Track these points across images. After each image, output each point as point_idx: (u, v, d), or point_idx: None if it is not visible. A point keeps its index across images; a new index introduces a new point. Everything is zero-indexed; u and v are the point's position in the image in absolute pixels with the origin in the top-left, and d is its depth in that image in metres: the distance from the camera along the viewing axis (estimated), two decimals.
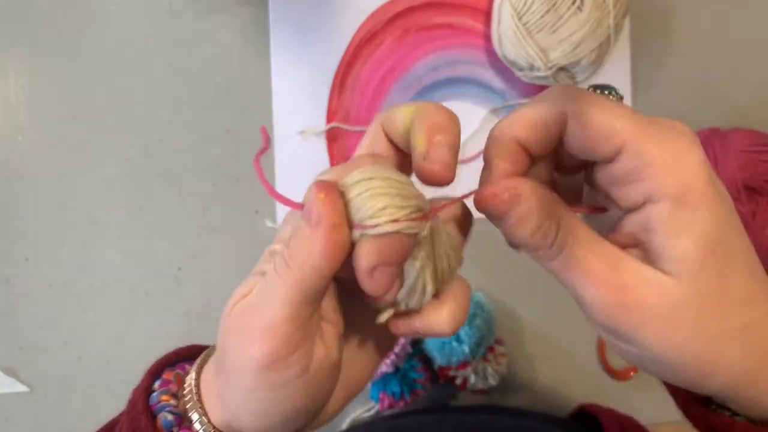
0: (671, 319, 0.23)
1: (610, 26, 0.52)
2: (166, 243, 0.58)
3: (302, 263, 0.23)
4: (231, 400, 0.26)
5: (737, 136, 0.56)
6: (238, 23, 0.58)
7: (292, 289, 0.23)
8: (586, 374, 0.60)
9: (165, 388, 0.29)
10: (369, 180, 0.23)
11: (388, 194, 0.23)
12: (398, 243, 0.23)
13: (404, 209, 0.23)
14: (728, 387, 0.24)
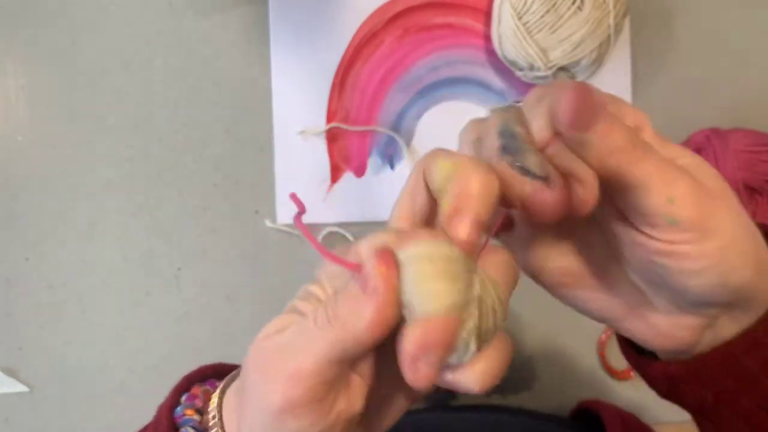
0: (724, 195, 0.25)
1: (610, 26, 0.52)
2: (166, 243, 0.58)
3: (345, 327, 0.23)
4: (247, 427, 0.26)
5: (737, 136, 0.56)
6: (238, 23, 0.58)
7: (327, 347, 0.23)
8: (586, 374, 0.60)
9: (190, 403, 0.29)
10: (427, 260, 0.22)
11: (444, 278, 0.22)
12: (448, 330, 0.22)
13: (457, 291, 0.22)
14: (758, 273, 0.26)
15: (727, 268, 0.25)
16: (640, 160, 0.24)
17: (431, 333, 0.22)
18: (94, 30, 0.57)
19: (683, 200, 0.24)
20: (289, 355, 0.24)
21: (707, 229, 0.24)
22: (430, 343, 0.22)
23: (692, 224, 0.24)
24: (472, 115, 0.28)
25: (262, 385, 0.24)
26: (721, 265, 0.24)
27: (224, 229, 0.58)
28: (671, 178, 0.24)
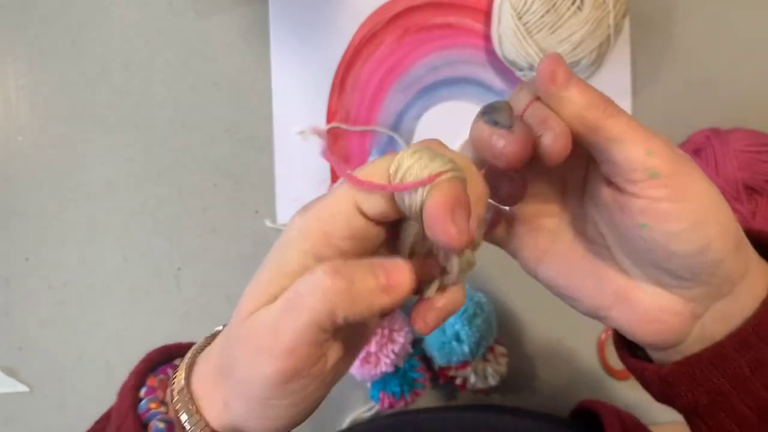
0: (703, 175, 0.27)
1: (609, 26, 0.52)
2: (166, 243, 0.58)
3: (361, 302, 0.24)
4: (241, 407, 0.26)
5: (737, 136, 0.56)
6: (238, 23, 0.58)
7: (327, 317, 0.24)
8: (586, 374, 0.60)
9: (152, 396, 0.29)
10: (419, 153, 0.25)
11: (435, 157, 0.25)
12: (460, 186, 0.24)
13: (450, 162, 0.25)
14: (747, 246, 0.28)
15: (705, 234, 0.26)
16: (617, 115, 0.26)
17: (448, 186, 0.24)
18: (95, 30, 0.57)
19: (661, 153, 0.26)
20: (281, 329, 0.24)
21: (685, 188, 0.26)
22: (450, 194, 0.24)
23: (671, 178, 0.26)
24: (471, 116, 0.29)
25: (255, 359, 0.25)
26: (700, 230, 0.26)
27: (224, 229, 0.58)
28: (647, 133, 0.26)
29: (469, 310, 0.53)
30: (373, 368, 0.53)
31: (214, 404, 0.27)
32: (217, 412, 0.27)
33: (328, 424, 0.58)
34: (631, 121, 0.26)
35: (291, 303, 0.24)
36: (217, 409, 0.27)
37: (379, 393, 0.56)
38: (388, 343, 0.53)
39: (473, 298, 0.55)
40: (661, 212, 0.26)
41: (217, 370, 0.28)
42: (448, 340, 0.53)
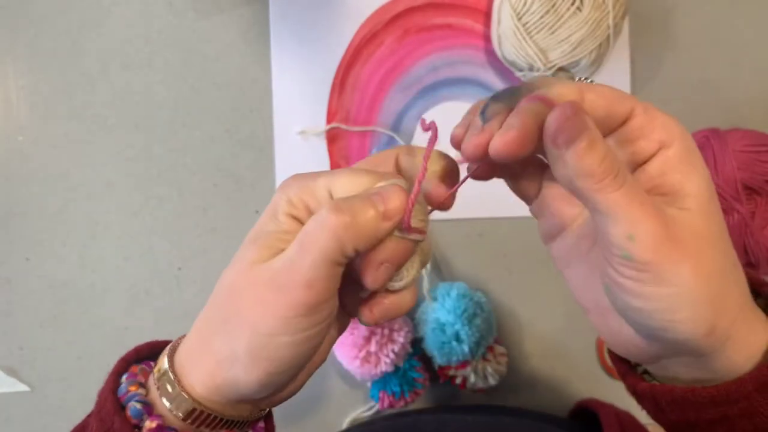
0: (699, 252, 0.24)
1: (609, 27, 0.52)
2: (167, 243, 0.58)
3: (365, 232, 0.26)
4: (240, 352, 0.27)
5: (736, 136, 0.56)
6: (238, 23, 0.58)
7: (334, 247, 0.25)
8: (585, 374, 0.61)
9: (132, 379, 0.30)
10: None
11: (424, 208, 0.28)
12: (409, 249, 0.28)
13: (425, 221, 0.28)
14: (724, 334, 0.26)
15: (670, 318, 0.25)
16: (609, 190, 0.24)
17: (400, 244, 0.27)
18: (95, 30, 0.57)
19: (643, 242, 0.24)
20: (298, 265, 0.26)
21: (661, 276, 0.24)
22: (396, 252, 0.27)
23: (647, 265, 0.24)
24: None
25: (268, 300, 0.26)
26: (665, 314, 0.25)
27: (224, 228, 0.58)
28: (637, 216, 0.24)
29: (469, 310, 0.53)
30: (373, 368, 0.53)
31: (201, 369, 0.28)
32: (206, 374, 0.28)
33: (328, 423, 0.58)
34: (624, 197, 0.24)
35: (303, 244, 0.26)
36: (205, 372, 0.28)
37: (379, 392, 0.56)
38: (388, 342, 0.53)
39: (473, 298, 0.55)
40: (625, 287, 0.25)
41: (207, 329, 0.29)
42: (448, 340, 0.53)
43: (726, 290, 0.25)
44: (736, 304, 0.26)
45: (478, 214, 0.58)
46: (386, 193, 0.26)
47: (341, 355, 0.55)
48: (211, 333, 0.28)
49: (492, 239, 0.59)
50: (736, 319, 0.26)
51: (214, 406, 0.28)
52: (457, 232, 0.58)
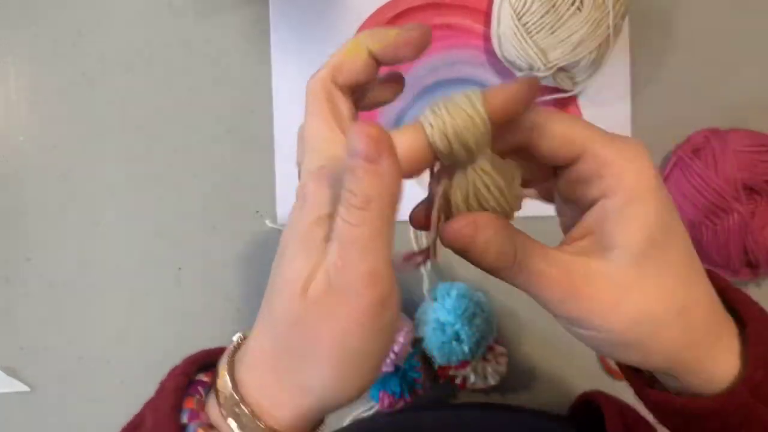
0: (617, 304, 0.26)
1: (609, 27, 0.52)
2: (167, 243, 0.58)
3: (381, 199, 0.24)
4: (330, 377, 0.25)
5: (736, 136, 0.56)
6: (238, 23, 0.58)
7: (379, 228, 0.24)
8: (586, 374, 0.61)
9: (198, 422, 0.27)
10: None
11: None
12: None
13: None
14: (667, 364, 0.27)
15: (613, 353, 0.28)
16: (513, 275, 0.28)
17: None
18: (95, 31, 0.58)
19: (552, 307, 0.28)
20: (351, 268, 0.24)
21: (581, 325, 0.27)
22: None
23: (563, 321, 0.28)
24: None
25: (340, 315, 0.24)
26: (607, 349, 0.28)
27: (224, 229, 0.59)
28: (542, 287, 0.28)
29: (469, 310, 0.53)
30: None
31: (284, 401, 0.26)
32: (291, 406, 0.26)
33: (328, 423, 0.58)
34: (525, 279, 0.28)
35: (343, 242, 0.24)
36: (289, 404, 0.26)
37: (379, 393, 0.56)
38: None
39: (473, 298, 0.55)
40: (570, 329, 0.29)
41: (280, 364, 0.26)
42: (448, 340, 0.53)
43: (660, 330, 0.26)
44: (691, 330, 0.27)
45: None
46: (363, 144, 0.25)
47: None
48: (287, 368, 0.26)
49: None
50: (697, 343, 0.27)
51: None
52: None
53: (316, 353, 0.25)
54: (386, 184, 0.24)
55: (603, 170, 0.26)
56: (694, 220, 0.56)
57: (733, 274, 0.57)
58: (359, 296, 0.24)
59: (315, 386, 0.26)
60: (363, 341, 0.25)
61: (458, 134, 0.26)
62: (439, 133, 0.26)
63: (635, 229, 0.26)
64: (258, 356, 0.27)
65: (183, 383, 0.28)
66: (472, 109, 0.26)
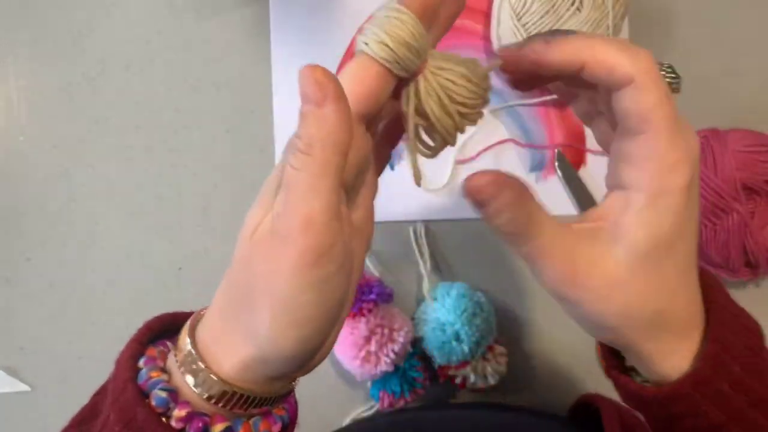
0: (606, 297, 0.28)
1: (608, 27, 0.52)
2: (167, 243, 0.58)
3: (323, 143, 0.24)
4: (266, 324, 0.25)
5: (736, 136, 0.56)
6: (238, 24, 0.58)
7: (320, 174, 0.24)
8: (586, 374, 0.61)
9: (152, 364, 0.28)
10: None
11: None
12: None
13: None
14: (630, 351, 0.30)
15: (596, 330, 0.30)
16: (521, 245, 0.29)
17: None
18: (95, 30, 0.58)
19: (548, 283, 0.29)
20: (288, 213, 0.24)
21: (565, 305, 0.29)
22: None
23: (555, 298, 0.30)
24: None
25: (276, 255, 0.25)
26: (590, 325, 0.30)
27: (225, 229, 0.59)
28: (545, 264, 0.29)
29: (468, 310, 0.54)
30: (373, 367, 0.53)
31: (229, 348, 0.26)
32: (234, 355, 0.26)
33: (328, 423, 0.59)
34: (532, 250, 0.29)
35: (286, 182, 0.25)
36: (232, 352, 0.26)
37: (379, 392, 0.56)
38: (388, 342, 0.53)
39: (473, 298, 0.55)
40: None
41: (228, 307, 0.27)
42: (448, 340, 0.53)
43: (641, 320, 0.28)
44: (659, 329, 0.29)
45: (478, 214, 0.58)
46: (308, 87, 0.24)
47: (341, 355, 0.55)
48: (232, 311, 0.27)
49: (492, 239, 0.59)
50: (660, 340, 0.29)
51: (246, 386, 0.27)
52: (457, 232, 0.58)
53: (254, 296, 0.26)
54: (330, 129, 0.24)
55: (645, 165, 0.27)
56: None
57: (732, 274, 0.57)
58: (294, 241, 0.24)
59: (254, 332, 0.26)
60: (294, 288, 0.24)
61: (393, 36, 0.26)
62: (376, 45, 0.26)
63: (645, 233, 0.27)
64: (214, 308, 0.29)
65: (146, 336, 0.30)
66: (393, 11, 0.27)
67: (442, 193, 0.58)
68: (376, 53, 0.26)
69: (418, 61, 0.27)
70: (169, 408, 0.26)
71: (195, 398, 0.27)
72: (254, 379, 0.27)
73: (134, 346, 0.29)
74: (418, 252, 0.58)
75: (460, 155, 0.58)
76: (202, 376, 0.26)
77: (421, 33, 0.27)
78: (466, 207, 0.28)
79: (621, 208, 0.28)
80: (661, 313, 0.28)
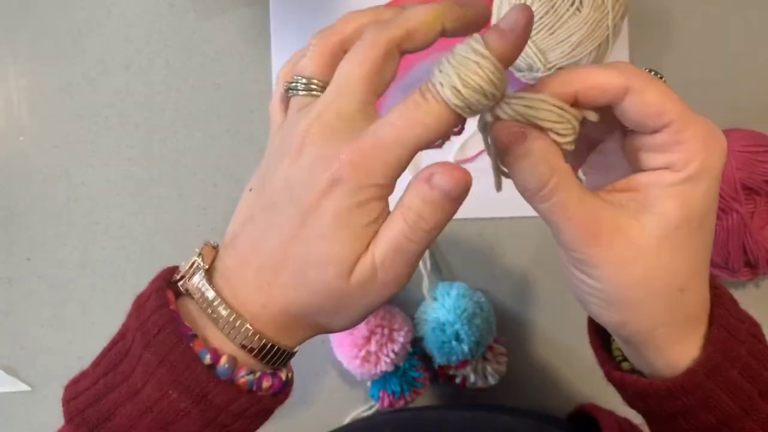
0: (630, 262, 0.27)
1: (608, 27, 0.52)
2: (167, 243, 0.58)
3: (438, 230, 0.27)
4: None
5: (735, 136, 0.56)
6: (239, 24, 0.58)
7: (425, 249, 0.28)
8: (586, 373, 0.61)
9: (226, 356, 0.28)
10: None
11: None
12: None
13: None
14: (639, 336, 0.29)
15: (588, 306, 0.29)
16: (542, 201, 0.28)
17: None
18: (96, 31, 0.58)
19: (567, 243, 0.28)
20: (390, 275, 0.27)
21: (582, 270, 0.28)
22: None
23: (571, 259, 0.28)
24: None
25: (366, 299, 0.28)
26: (586, 301, 0.29)
27: (225, 228, 0.58)
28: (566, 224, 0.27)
29: (468, 310, 0.54)
30: (373, 367, 0.53)
31: (267, 300, 0.28)
32: (272, 304, 0.28)
33: (328, 423, 0.59)
34: (553, 207, 0.27)
35: (399, 251, 0.27)
36: (273, 301, 0.28)
37: (379, 392, 0.56)
38: (388, 342, 0.53)
39: (473, 298, 0.55)
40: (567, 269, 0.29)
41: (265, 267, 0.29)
42: (448, 340, 0.53)
43: (653, 300, 0.28)
44: (676, 312, 0.28)
45: (478, 214, 0.58)
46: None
47: (341, 355, 0.55)
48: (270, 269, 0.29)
49: (492, 239, 0.59)
50: (675, 324, 0.28)
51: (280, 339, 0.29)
52: (457, 232, 0.59)
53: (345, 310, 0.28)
54: (448, 218, 0.27)
55: (677, 147, 0.27)
56: None
57: (732, 274, 0.58)
58: (389, 289, 0.27)
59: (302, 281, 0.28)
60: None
61: (468, 83, 0.25)
62: (449, 90, 0.26)
63: (679, 204, 0.27)
64: (238, 263, 0.30)
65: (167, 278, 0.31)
66: (472, 53, 0.26)
67: None
68: (449, 99, 0.26)
69: (492, 104, 0.26)
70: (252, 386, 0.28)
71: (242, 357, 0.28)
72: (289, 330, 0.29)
73: (164, 309, 0.30)
74: None
75: (460, 155, 0.58)
76: (243, 332, 0.28)
77: (500, 78, 0.26)
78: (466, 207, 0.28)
79: (651, 183, 0.27)
80: (683, 293, 0.27)
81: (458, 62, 0.26)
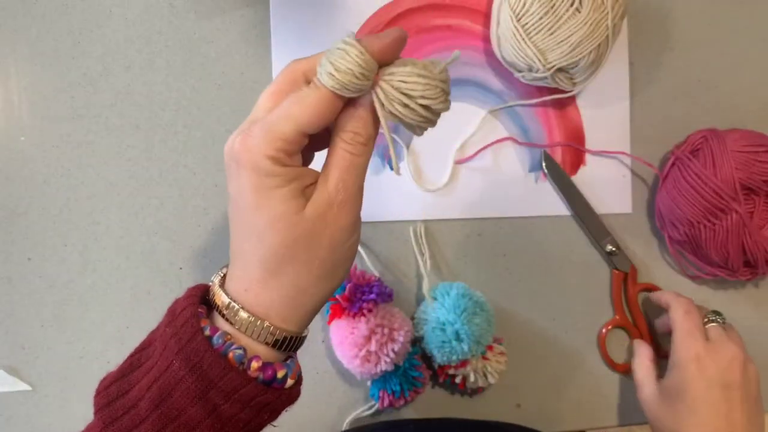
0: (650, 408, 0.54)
1: (608, 27, 0.52)
2: (168, 243, 0.58)
3: (373, 140, 0.35)
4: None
5: (735, 136, 0.56)
6: (239, 24, 0.58)
7: (369, 160, 0.35)
8: (585, 372, 0.61)
9: (221, 331, 0.32)
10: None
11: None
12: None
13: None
14: None
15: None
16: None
17: None
18: (96, 31, 0.58)
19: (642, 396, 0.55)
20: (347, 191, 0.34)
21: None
22: None
23: None
24: (471, 117, 0.30)
25: (328, 229, 0.33)
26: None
27: (225, 229, 0.59)
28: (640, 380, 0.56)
29: (468, 309, 0.54)
30: (373, 367, 0.53)
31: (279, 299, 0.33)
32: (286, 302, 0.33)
33: (328, 422, 0.59)
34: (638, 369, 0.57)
35: (344, 169, 0.34)
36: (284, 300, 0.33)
37: (379, 391, 0.56)
38: (388, 342, 0.53)
39: (473, 298, 0.55)
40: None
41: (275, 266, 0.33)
42: (448, 339, 0.53)
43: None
44: None
45: (478, 214, 0.58)
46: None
47: (341, 354, 0.55)
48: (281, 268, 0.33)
49: (492, 239, 0.59)
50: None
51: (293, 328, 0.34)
52: (457, 232, 0.59)
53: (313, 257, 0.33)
54: (375, 129, 0.33)
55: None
56: (693, 220, 0.56)
57: (731, 274, 0.58)
58: (346, 212, 0.32)
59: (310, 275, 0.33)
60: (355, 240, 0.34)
61: (339, 67, 0.31)
62: (326, 76, 0.32)
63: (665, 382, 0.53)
64: (247, 268, 0.33)
65: (196, 302, 0.35)
66: (340, 44, 0.32)
67: (441, 193, 0.58)
68: (326, 82, 0.32)
69: (368, 81, 0.32)
70: (243, 362, 0.32)
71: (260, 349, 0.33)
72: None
73: (192, 310, 0.34)
74: (418, 252, 0.58)
75: (459, 155, 0.58)
76: (263, 331, 0.32)
77: (366, 60, 0.31)
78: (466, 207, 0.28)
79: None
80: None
81: (330, 53, 0.32)
